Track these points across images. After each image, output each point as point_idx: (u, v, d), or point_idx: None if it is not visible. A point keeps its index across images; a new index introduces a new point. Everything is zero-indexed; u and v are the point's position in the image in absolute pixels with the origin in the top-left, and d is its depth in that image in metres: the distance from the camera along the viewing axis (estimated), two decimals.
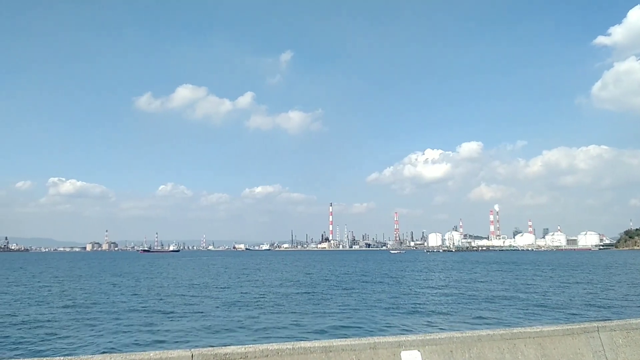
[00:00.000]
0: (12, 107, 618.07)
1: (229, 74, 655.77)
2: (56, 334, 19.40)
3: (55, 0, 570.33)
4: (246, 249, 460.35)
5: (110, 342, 17.85)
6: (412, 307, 27.12)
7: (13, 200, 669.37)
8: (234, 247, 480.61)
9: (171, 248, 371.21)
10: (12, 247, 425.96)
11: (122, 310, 26.10)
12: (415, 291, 37.12)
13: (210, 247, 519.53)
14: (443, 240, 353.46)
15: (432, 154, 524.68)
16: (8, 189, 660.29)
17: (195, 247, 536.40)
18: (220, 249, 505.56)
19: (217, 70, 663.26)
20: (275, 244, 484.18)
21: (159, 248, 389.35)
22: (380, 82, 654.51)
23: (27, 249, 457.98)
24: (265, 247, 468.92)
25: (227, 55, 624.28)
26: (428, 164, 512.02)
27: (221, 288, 40.46)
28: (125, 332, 19.84)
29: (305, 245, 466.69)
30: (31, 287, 43.19)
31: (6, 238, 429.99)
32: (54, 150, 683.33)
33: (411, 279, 51.39)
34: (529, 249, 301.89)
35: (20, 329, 20.75)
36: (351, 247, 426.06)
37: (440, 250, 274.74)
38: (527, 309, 26.47)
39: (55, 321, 22.63)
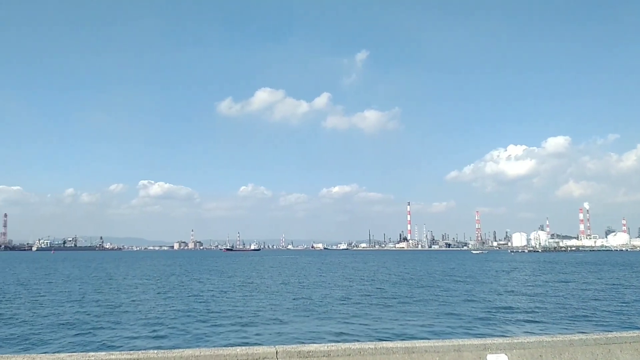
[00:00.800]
0: (106, 118, 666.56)
1: (305, 76, 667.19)
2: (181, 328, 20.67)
3: (142, 14, 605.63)
4: (324, 248, 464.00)
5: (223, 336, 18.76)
6: (498, 309, 26.14)
7: (107, 202, 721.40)
8: (312, 247, 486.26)
9: (252, 247, 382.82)
10: (107, 246, 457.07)
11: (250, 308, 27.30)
12: (502, 292, 35.73)
13: (290, 247, 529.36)
14: (528, 240, 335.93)
15: (515, 149, 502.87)
16: (103, 192, 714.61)
17: (274, 246, 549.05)
18: (299, 248, 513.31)
19: (294, 72, 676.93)
20: (352, 244, 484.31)
21: (240, 247, 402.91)
22: (458, 78, 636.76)
23: (120, 248, 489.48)
24: (342, 246, 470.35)
25: (303, 57, 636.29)
26: (511, 161, 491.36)
27: (313, 284, 41.22)
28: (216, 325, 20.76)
29: (383, 245, 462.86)
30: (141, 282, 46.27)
31: (101, 238, 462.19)
32: (144, 155, 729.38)
33: (496, 280, 49.45)
34: (623, 249, 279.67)
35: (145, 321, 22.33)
36: (430, 247, 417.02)
37: (525, 251, 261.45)
38: (622, 312, 24.69)
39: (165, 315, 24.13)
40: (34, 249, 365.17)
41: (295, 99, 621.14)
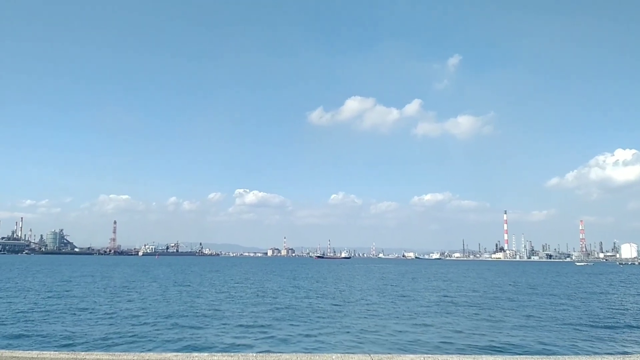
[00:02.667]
0: (207, 128, 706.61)
1: (395, 83, 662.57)
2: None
3: (238, 26, 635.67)
4: (415, 257, 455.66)
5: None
6: (611, 326, 24.06)
7: (206, 210, 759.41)
8: (403, 256, 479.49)
9: (343, 255, 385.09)
10: (206, 252, 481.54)
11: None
12: (617, 309, 32.82)
13: (380, 255, 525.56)
14: (639, 251, 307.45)
15: (623, 154, 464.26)
16: (202, 200, 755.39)
17: (365, 255, 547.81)
18: (390, 257, 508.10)
19: (384, 79, 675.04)
20: (445, 253, 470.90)
21: (331, 254, 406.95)
22: (557, 81, 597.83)
23: (218, 254, 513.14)
24: (435, 255, 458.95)
25: (393, 63, 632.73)
26: (619, 166, 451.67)
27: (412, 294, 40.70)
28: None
29: (477, 255, 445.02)
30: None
31: (200, 244, 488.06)
32: (240, 164, 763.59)
33: (609, 295, 45.56)
34: None
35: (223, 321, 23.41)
36: (529, 257, 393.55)
37: (636, 263, 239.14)
38: None
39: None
40: (140, 253, 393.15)
41: (386, 106, 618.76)
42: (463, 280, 70.09)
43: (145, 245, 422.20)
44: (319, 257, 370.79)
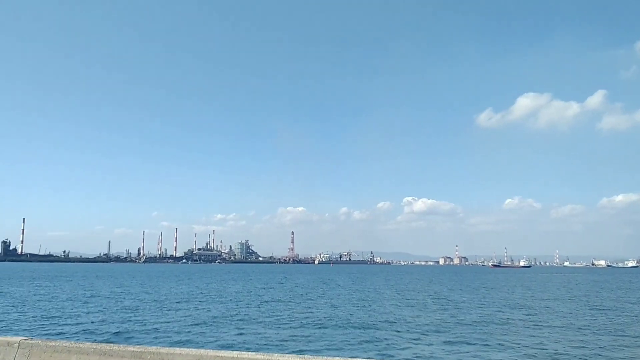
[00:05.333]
0: (377, 140, 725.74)
1: (573, 74, 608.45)
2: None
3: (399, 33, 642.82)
4: (607, 265, 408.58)
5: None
6: None
7: (376, 219, 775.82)
8: (592, 264, 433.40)
9: (521, 263, 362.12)
10: (377, 260, 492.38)
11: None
12: None
13: (566, 263, 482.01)
14: None
15: None
16: (372, 210, 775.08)
17: (547, 263, 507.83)
18: (577, 265, 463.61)
19: (560, 72, 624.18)
20: None
21: (508, 263, 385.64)
22: None
23: (389, 262, 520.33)
24: (631, 263, 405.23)
25: (570, 54, 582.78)
26: None
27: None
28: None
29: None
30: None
31: (372, 252, 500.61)
32: (407, 173, 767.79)
33: None
34: None
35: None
36: None
37: None
38: None
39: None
40: (316, 262, 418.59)
41: (564, 100, 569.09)
42: None
43: (320, 254, 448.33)
44: (495, 265, 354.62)
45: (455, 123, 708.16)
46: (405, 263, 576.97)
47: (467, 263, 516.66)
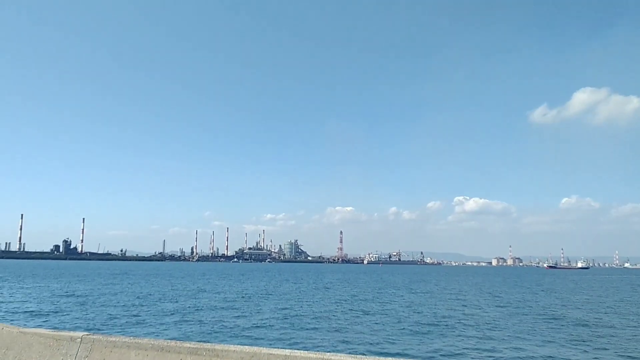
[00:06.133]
0: (422, 142, 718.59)
1: (634, 67, 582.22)
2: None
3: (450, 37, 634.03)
4: None
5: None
6: None
7: (426, 219, 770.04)
8: None
9: (579, 265, 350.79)
10: (427, 261, 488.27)
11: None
12: None
13: (626, 265, 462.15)
14: None
15: None
16: (422, 210, 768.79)
17: (606, 264, 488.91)
18: (638, 266, 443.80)
19: (620, 65, 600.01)
20: None
21: (565, 264, 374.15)
22: None
23: (440, 263, 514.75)
24: None
25: (629, 45, 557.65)
26: None
27: None
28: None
29: None
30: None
31: (422, 252, 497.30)
32: (457, 172, 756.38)
33: None
34: None
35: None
36: None
37: None
38: None
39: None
40: (365, 262, 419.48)
41: (623, 95, 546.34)
42: None
43: (369, 254, 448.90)
44: (550, 267, 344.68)
45: (508, 120, 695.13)
46: (457, 264, 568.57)
47: (520, 264, 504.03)
